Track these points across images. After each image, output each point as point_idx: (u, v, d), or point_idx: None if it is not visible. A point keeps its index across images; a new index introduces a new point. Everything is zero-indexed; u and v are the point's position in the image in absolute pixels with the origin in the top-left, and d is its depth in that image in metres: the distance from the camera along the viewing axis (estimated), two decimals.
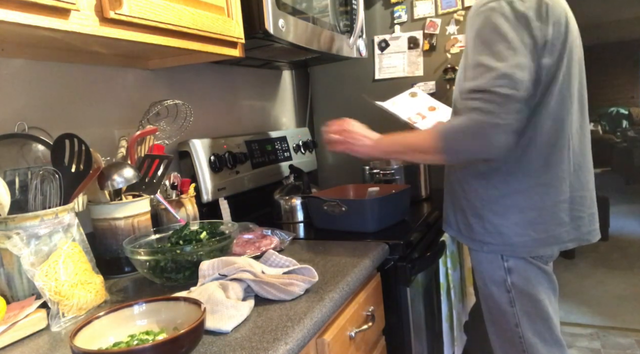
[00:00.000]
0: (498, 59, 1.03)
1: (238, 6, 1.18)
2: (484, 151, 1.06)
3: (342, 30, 1.64)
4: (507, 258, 1.19)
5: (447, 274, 1.46)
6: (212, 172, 1.51)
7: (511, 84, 1.02)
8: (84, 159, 0.97)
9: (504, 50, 1.04)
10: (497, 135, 1.02)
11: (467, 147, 1.08)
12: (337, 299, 0.92)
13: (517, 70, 1.02)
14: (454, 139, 1.09)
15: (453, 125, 1.10)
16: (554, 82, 1.11)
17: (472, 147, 1.07)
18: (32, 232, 0.88)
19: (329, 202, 1.40)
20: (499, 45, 1.04)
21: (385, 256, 1.22)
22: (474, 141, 1.05)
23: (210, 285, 0.86)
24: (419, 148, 1.16)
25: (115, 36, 0.88)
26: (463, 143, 1.07)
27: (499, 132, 1.02)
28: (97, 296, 0.92)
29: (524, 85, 1.03)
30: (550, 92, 1.11)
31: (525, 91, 1.04)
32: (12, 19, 0.71)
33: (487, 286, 1.25)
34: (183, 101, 1.34)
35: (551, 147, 1.14)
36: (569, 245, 1.18)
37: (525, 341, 1.22)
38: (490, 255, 1.22)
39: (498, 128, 1.02)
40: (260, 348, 0.71)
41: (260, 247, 1.19)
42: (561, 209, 1.16)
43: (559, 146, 1.14)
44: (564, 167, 1.16)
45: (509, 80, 1.02)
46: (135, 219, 1.14)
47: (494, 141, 1.03)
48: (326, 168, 2.26)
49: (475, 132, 1.04)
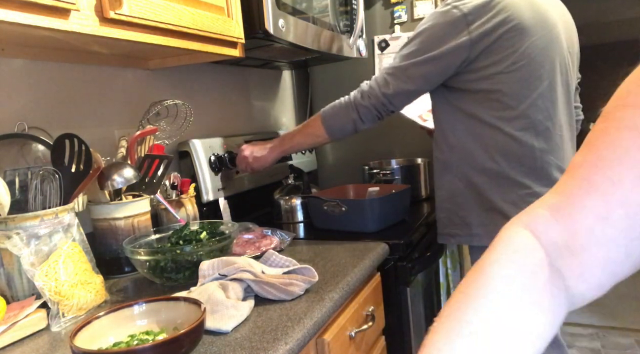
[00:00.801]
0: (404, 56, 1.20)
1: (238, 6, 1.18)
2: (349, 124, 1.30)
3: (342, 30, 1.64)
4: None
5: (447, 274, 1.46)
6: (212, 172, 1.51)
7: (395, 79, 1.21)
8: (84, 159, 0.97)
9: (415, 51, 1.18)
10: (359, 113, 1.26)
11: (338, 122, 1.30)
12: (337, 299, 0.92)
13: (407, 70, 1.19)
14: (331, 116, 1.32)
15: (332, 103, 1.34)
16: (510, 78, 1.14)
17: (341, 121, 1.30)
18: (32, 232, 0.88)
19: (329, 202, 1.40)
20: (416, 45, 1.18)
21: (385, 256, 1.22)
22: (342, 115, 1.30)
23: (210, 285, 0.86)
24: (309, 133, 1.37)
25: (115, 36, 0.88)
26: (335, 118, 1.31)
27: (361, 111, 1.26)
28: (97, 296, 0.92)
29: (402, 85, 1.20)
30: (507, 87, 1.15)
31: (392, 90, 1.21)
32: (12, 19, 0.71)
33: None
34: (183, 101, 1.34)
35: (512, 142, 1.17)
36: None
37: None
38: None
39: (362, 107, 1.26)
40: (260, 348, 0.71)
41: (260, 247, 1.19)
42: (526, 202, 1.15)
43: (522, 141, 1.18)
44: (525, 162, 1.18)
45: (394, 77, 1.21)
46: (135, 219, 1.13)
47: (355, 115, 1.28)
48: (326, 168, 2.26)
49: (345, 107, 1.29)
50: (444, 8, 1.16)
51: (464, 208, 1.23)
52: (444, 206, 1.28)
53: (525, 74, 1.14)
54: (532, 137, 1.17)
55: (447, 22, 1.14)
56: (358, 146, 2.09)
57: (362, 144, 2.07)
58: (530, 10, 1.14)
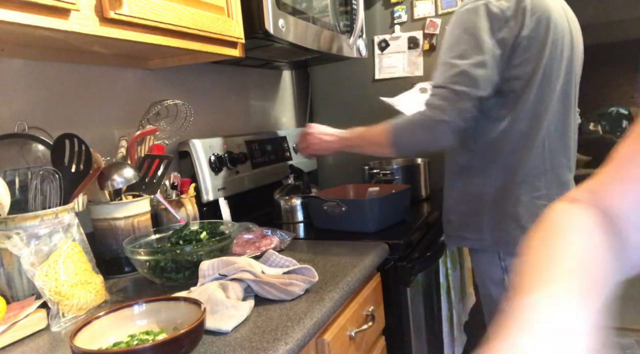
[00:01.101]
0: (461, 57, 1.08)
1: (238, 6, 1.18)
2: (427, 144, 1.14)
3: (342, 30, 1.64)
4: (504, 257, 1.20)
5: (447, 274, 1.46)
6: (212, 172, 1.51)
7: (467, 81, 1.06)
8: (84, 159, 0.97)
9: (469, 49, 1.08)
10: (441, 131, 1.10)
11: (412, 140, 1.16)
12: (337, 299, 0.92)
13: (476, 69, 1.06)
14: (401, 133, 1.17)
15: (403, 119, 1.18)
16: (532, 81, 1.12)
17: (416, 140, 1.15)
18: (32, 232, 0.88)
19: (329, 202, 1.40)
20: (464, 44, 1.09)
21: (385, 256, 1.22)
22: (418, 134, 1.14)
23: (210, 285, 0.86)
24: (373, 141, 1.25)
25: (115, 36, 0.88)
26: (408, 136, 1.16)
27: (442, 129, 1.09)
28: (97, 296, 0.92)
29: (482, 83, 1.07)
30: (528, 90, 1.12)
31: (484, 90, 1.07)
32: (12, 19, 0.71)
33: (486, 285, 1.26)
34: (183, 101, 1.34)
35: (524, 143, 1.15)
36: None
37: None
38: (489, 254, 1.22)
39: (442, 125, 1.09)
40: (260, 348, 0.71)
41: (260, 247, 1.19)
42: (537, 206, 1.16)
43: (535, 143, 1.16)
44: (537, 164, 1.16)
45: (466, 78, 1.06)
46: (135, 219, 1.13)
47: (437, 136, 1.10)
48: (326, 168, 2.26)
49: (420, 126, 1.13)
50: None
51: (478, 212, 1.21)
52: (458, 208, 1.26)
53: (547, 73, 1.13)
54: (547, 138, 1.16)
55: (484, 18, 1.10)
56: None
57: None
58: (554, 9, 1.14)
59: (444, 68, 1.11)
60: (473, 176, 1.21)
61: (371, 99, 1.99)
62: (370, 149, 1.29)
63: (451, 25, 1.14)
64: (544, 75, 1.13)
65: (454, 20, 1.14)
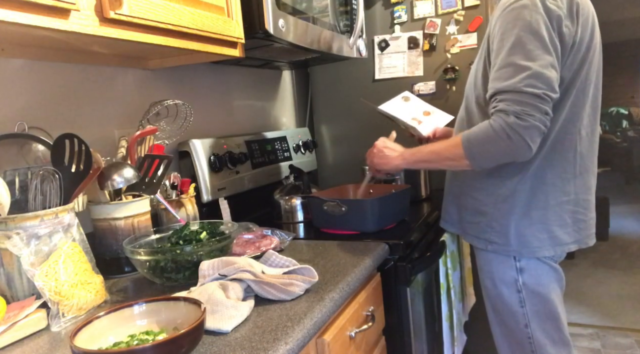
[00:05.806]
0: (529, 58, 1.01)
1: (238, 6, 1.18)
2: (508, 154, 1.05)
3: (342, 30, 1.64)
4: (519, 258, 1.19)
5: (447, 274, 1.46)
6: (212, 172, 1.51)
7: (542, 84, 1.00)
8: (84, 159, 0.97)
9: (536, 49, 1.02)
10: (523, 138, 1.01)
11: (491, 152, 1.07)
12: (337, 299, 0.92)
13: (548, 70, 1.01)
14: (477, 145, 1.08)
15: (477, 130, 1.09)
16: (573, 84, 1.10)
17: (496, 151, 1.06)
18: (32, 232, 0.88)
19: (329, 202, 1.40)
20: (530, 44, 1.02)
21: (385, 256, 1.22)
22: (497, 144, 1.04)
23: (210, 285, 0.86)
24: (446, 156, 1.16)
25: (115, 36, 0.88)
26: (487, 148, 1.06)
27: (525, 135, 1.01)
28: (97, 296, 0.92)
29: (555, 85, 1.02)
30: (568, 93, 1.11)
31: (557, 92, 1.03)
32: (12, 19, 0.71)
33: (497, 286, 1.24)
34: (183, 101, 1.34)
35: (557, 147, 1.14)
36: (571, 247, 1.18)
37: (534, 342, 1.21)
38: (502, 255, 1.21)
39: (525, 130, 1.00)
40: (260, 348, 0.71)
41: (260, 247, 1.19)
42: (564, 210, 1.16)
43: (566, 147, 1.14)
44: (568, 168, 1.15)
45: (540, 80, 1.00)
46: (135, 219, 1.13)
47: (519, 143, 1.02)
48: (326, 168, 2.26)
49: (498, 135, 1.03)
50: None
51: (506, 216, 1.18)
52: (486, 210, 1.22)
53: (585, 78, 1.11)
54: (579, 143, 1.15)
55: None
56: (358, 146, 2.09)
57: (362, 144, 2.07)
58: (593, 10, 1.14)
59: (510, 69, 1.02)
60: (506, 178, 1.17)
61: (371, 99, 1.99)
62: (444, 164, 1.21)
63: (504, 22, 1.06)
64: (582, 80, 1.11)
65: (508, 16, 1.06)
